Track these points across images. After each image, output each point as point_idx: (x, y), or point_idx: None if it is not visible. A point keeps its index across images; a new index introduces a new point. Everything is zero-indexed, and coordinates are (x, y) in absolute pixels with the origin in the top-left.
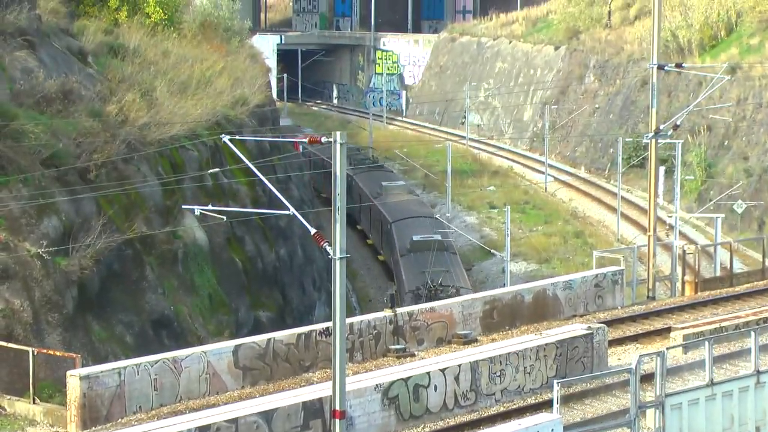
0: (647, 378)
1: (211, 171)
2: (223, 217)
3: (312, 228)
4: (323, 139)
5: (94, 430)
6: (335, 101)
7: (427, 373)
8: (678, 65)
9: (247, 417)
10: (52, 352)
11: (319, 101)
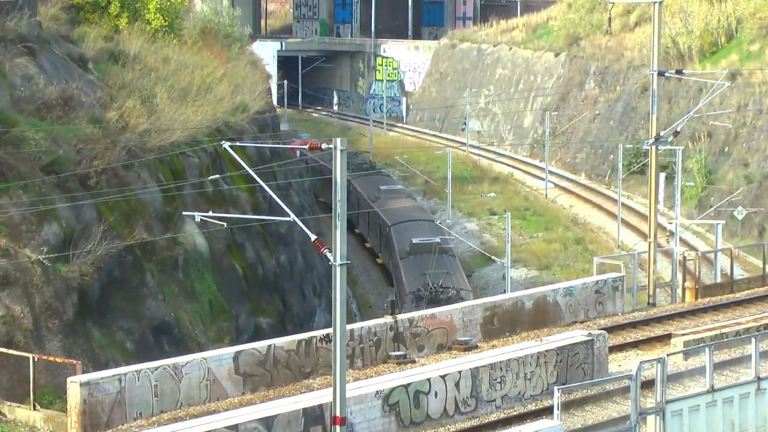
0: (648, 384)
1: (211, 177)
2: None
3: (312, 234)
4: (323, 145)
5: None
6: (335, 108)
7: (428, 379)
8: (678, 72)
9: (247, 423)
10: (52, 359)
11: (319, 108)
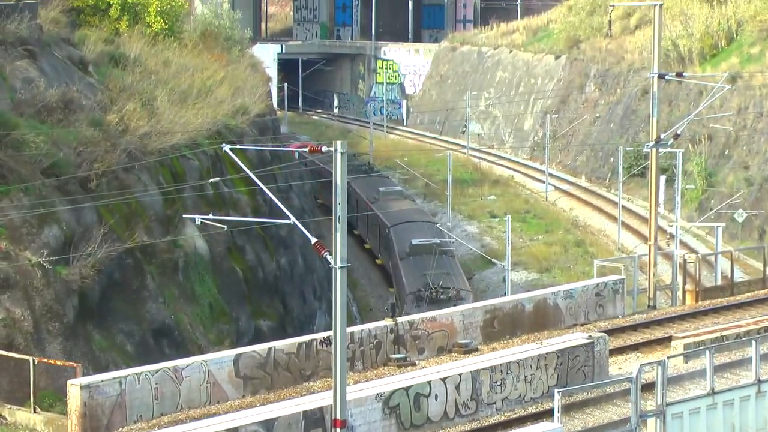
0: (648, 387)
1: (211, 180)
2: (224, 226)
3: (312, 237)
4: (324, 148)
5: None
6: (336, 110)
7: (428, 382)
8: (679, 74)
9: (247, 426)
10: (52, 362)
11: (319, 110)
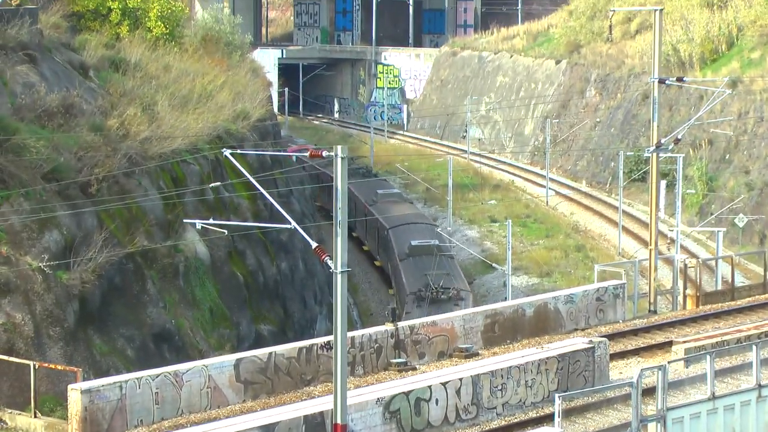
0: (649, 392)
1: (212, 185)
2: (225, 230)
3: (313, 242)
4: (324, 153)
5: None
6: (336, 115)
7: (429, 386)
8: (679, 79)
9: (248, 431)
10: (53, 366)
11: (320, 115)
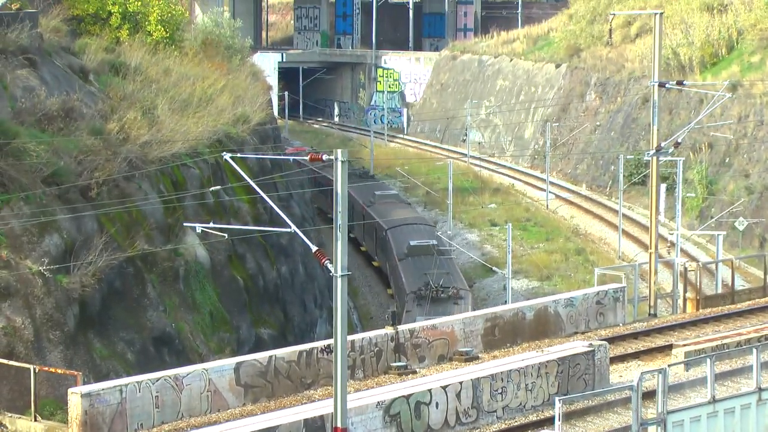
0: (649, 395)
1: (212, 189)
2: (225, 234)
3: (313, 245)
4: (325, 156)
5: None
6: (336, 119)
7: (429, 390)
8: (679, 83)
9: None
10: (53, 370)
11: (320, 119)
